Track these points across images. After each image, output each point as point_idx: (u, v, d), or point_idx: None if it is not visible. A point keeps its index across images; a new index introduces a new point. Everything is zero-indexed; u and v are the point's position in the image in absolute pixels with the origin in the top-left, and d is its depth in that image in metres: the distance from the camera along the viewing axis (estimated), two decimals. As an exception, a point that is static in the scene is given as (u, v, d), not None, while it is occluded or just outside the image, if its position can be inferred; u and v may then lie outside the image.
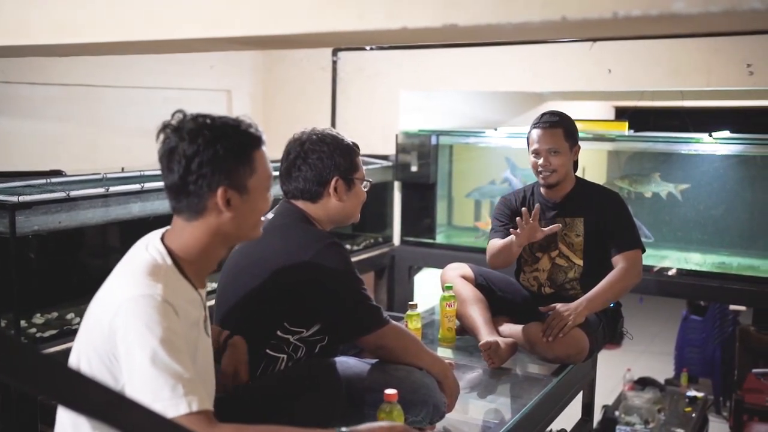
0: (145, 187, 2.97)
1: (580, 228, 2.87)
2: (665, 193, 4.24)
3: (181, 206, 1.50)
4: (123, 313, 1.37)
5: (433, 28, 1.38)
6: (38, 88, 3.54)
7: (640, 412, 4.38)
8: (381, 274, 4.62)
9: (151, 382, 1.33)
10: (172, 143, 1.47)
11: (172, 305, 1.41)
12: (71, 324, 2.76)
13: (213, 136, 1.46)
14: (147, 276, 1.43)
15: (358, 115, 4.66)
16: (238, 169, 1.49)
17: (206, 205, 1.48)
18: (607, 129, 4.39)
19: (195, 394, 1.35)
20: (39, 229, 2.61)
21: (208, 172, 1.46)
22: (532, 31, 1.48)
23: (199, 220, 1.50)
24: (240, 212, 1.51)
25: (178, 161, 1.46)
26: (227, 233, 1.53)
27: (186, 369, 1.36)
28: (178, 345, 1.38)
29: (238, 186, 1.50)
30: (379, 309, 2.03)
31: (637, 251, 2.81)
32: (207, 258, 1.55)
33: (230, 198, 1.49)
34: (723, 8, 1.14)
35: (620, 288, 2.77)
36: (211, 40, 1.82)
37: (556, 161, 2.80)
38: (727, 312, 5.58)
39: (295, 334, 2.01)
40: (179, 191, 1.49)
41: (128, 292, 1.40)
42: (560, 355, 2.66)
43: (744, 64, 3.66)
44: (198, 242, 1.52)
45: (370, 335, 2.01)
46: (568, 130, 2.84)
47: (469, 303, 2.90)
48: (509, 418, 2.31)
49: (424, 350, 2.13)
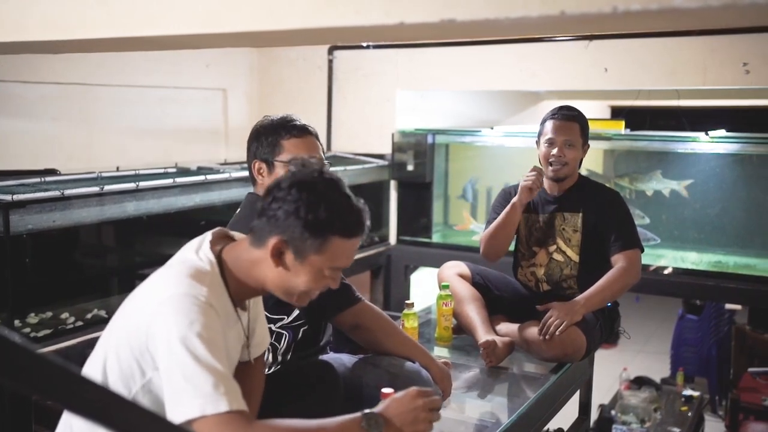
0: (139, 186, 2.96)
1: (578, 223, 2.87)
2: (668, 191, 4.23)
3: (255, 225, 1.50)
4: (166, 309, 1.38)
5: (431, 23, 1.38)
6: (33, 86, 3.52)
7: (637, 411, 4.37)
8: (377, 274, 4.61)
9: (193, 379, 1.33)
10: (291, 177, 1.47)
11: (215, 308, 1.42)
12: (65, 324, 2.74)
13: (317, 201, 1.44)
14: (192, 278, 1.44)
15: (354, 114, 4.65)
16: (307, 241, 1.45)
17: (267, 242, 1.47)
18: (604, 128, 4.39)
19: (234, 393, 1.37)
20: (33, 228, 2.59)
21: (282, 217, 1.45)
22: (530, 26, 1.47)
23: (259, 251, 1.49)
24: (283, 270, 1.49)
25: (286, 189, 1.45)
26: (268, 282, 1.52)
27: (225, 368, 1.37)
28: (220, 345, 1.39)
29: (297, 249, 1.46)
30: (349, 286, 2.06)
31: (636, 251, 2.80)
32: (251, 287, 1.55)
33: (284, 252, 1.47)
34: (723, 2, 1.13)
35: (619, 287, 2.76)
36: (206, 36, 1.80)
37: (569, 154, 2.80)
38: (723, 311, 5.58)
39: (277, 322, 2.03)
40: (263, 212, 1.48)
41: (172, 290, 1.41)
42: (557, 354, 2.65)
43: (740, 63, 3.66)
44: (249, 270, 1.52)
45: (345, 313, 2.04)
46: (583, 127, 2.85)
47: (466, 302, 2.89)
48: (506, 417, 2.30)
49: (403, 335, 2.17)
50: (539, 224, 2.94)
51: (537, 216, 2.95)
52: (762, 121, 6.55)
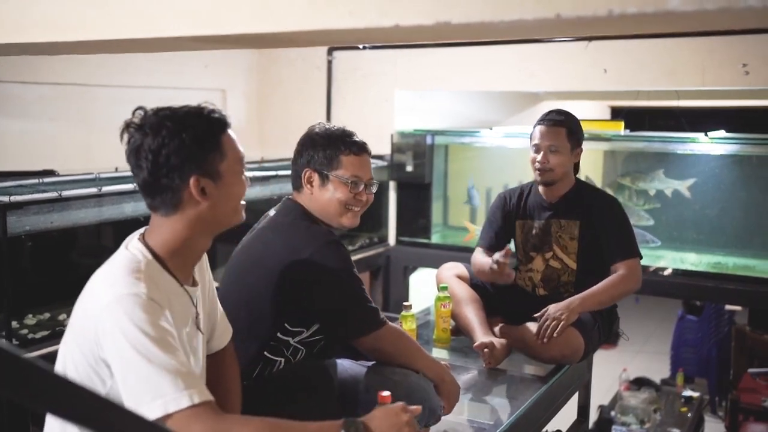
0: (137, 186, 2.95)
1: (575, 231, 2.84)
2: (670, 191, 4.22)
3: (156, 203, 1.47)
4: (109, 315, 1.35)
5: (426, 25, 1.37)
6: (31, 87, 3.51)
7: (636, 412, 4.36)
8: (376, 274, 4.61)
9: (150, 380, 1.31)
10: (137, 141, 1.44)
11: (158, 302, 1.39)
12: (63, 325, 2.74)
13: (176, 126, 1.43)
14: (129, 274, 1.40)
15: (353, 115, 4.65)
16: (207, 156, 1.45)
17: (181, 198, 1.45)
18: (603, 129, 4.38)
19: (195, 386, 1.34)
20: (31, 230, 2.59)
21: (177, 164, 1.42)
22: (525, 29, 1.47)
23: (176, 214, 1.47)
24: (216, 199, 1.48)
25: (145, 158, 1.42)
26: (207, 223, 1.50)
27: (182, 363, 1.35)
28: (170, 341, 1.36)
29: (211, 173, 1.46)
30: (376, 310, 1.99)
31: (636, 260, 2.77)
32: (190, 251, 1.52)
33: (204, 186, 1.45)
34: (718, 6, 1.12)
35: (617, 293, 2.74)
36: (202, 38, 1.80)
37: (554, 160, 2.77)
38: (723, 312, 5.58)
39: (296, 336, 1.98)
40: (152, 188, 1.45)
41: (112, 292, 1.37)
42: (555, 355, 2.64)
43: (739, 64, 3.65)
44: (178, 236, 1.48)
45: (366, 337, 1.98)
46: (572, 130, 2.80)
47: (464, 303, 2.88)
48: (504, 419, 2.30)
49: (420, 353, 2.10)
50: (535, 230, 2.91)
51: (532, 222, 2.92)
52: (762, 121, 6.55)
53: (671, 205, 4.30)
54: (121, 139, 1.47)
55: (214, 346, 1.74)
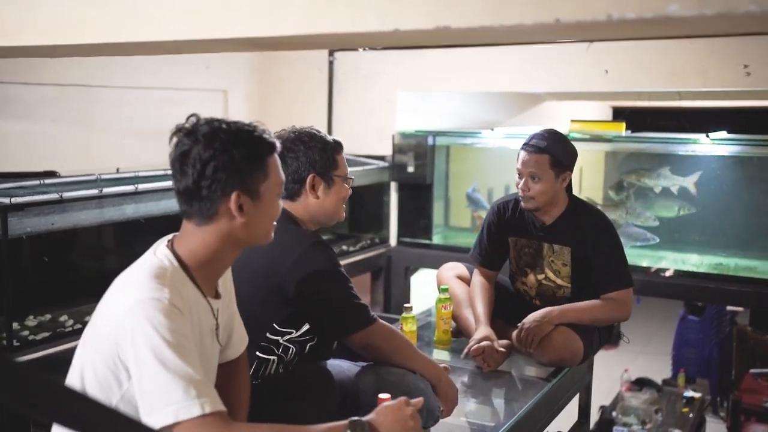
0: (139, 188, 2.95)
1: (567, 258, 2.76)
2: (676, 188, 4.21)
3: (192, 210, 1.49)
4: (131, 317, 1.37)
5: (426, 30, 1.37)
6: (32, 88, 3.51)
7: (638, 412, 4.36)
8: (377, 275, 4.61)
9: (163, 386, 1.32)
10: (186, 146, 1.46)
11: (179, 309, 1.40)
12: (64, 326, 2.74)
13: (229, 140, 1.46)
14: (153, 279, 1.42)
15: (355, 116, 4.65)
16: (252, 175, 1.49)
17: (218, 210, 1.48)
18: (604, 129, 4.37)
19: (207, 395, 1.35)
20: (32, 231, 2.59)
21: (222, 177, 1.45)
22: (525, 33, 1.47)
23: (210, 225, 1.50)
24: (252, 218, 1.51)
25: (192, 165, 1.45)
26: (238, 239, 1.53)
27: (196, 371, 1.36)
28: (188, 348, 1.38)
29: (251, 192, 1.49)
30: (365, 307, 2.02)
31: (627, 290, 2.70)
32: (216, 263, 1.55)
33: (243, 204, 1.48)
34: (717, 11, 1.12)
35: (601, 317, 2.70)
36: (202, 41, 1.80)
37: (535, 188, 2.66)
38: (725, 312, 5.57)
39: (285, 335, 2.00)
40: (192, 195, 1.47)
41: (135, 295, 1.39)
42: (554, 358, 2.64)
43: (740, 65, 3.65)
44: (208, 247, 1.51)
45: (357, 334, 2.00)
46: (556, 157, 2.65)
47: (464, 304, 2.88)
48: (505, 421, 2.30)
49: (415, 352, 2.12)
50: (528, 249, 2.86)
51: (525, 241, 2.86)
52: (764, 122, 6.53)
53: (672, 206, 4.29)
54: (170, 143, 1.49)
55: (229, 354, 1.76)
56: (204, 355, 1.52)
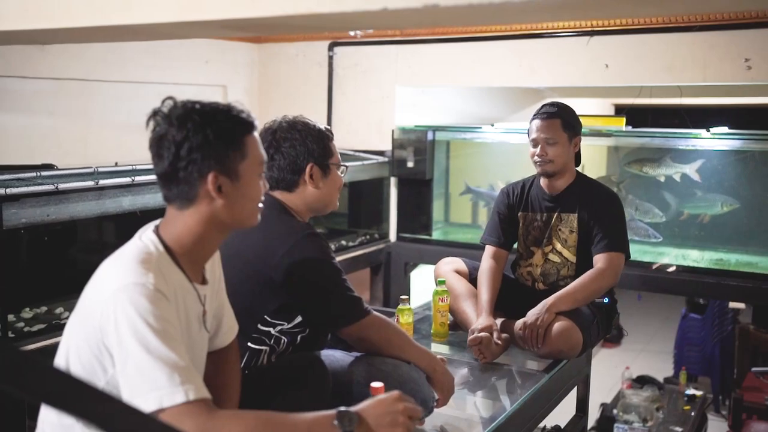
0: (135, 180, 2.95)
1: (574, 224, 2.85)
2: (678, 175, 4.19)
3: (172, 194, 1.48)
4: (114, 302, 1.35)
5: (414, 8, 1.35)
6: (30, 81, 3.51)
7: (639, 410, 4.34)
8: (377, 271, 4.60)
9: (147, 372, 1.30)
10: (162, 130, 1.44)
11: (164, 294, 1.38)
12: (60, 318, 2.74)
13: (202, 121, 1.44)
14: (138, 264, 1.40)
15: (354, 111, 4.64)
16: (228, 155, 1.46)
17: (197, 193, 1.46)
18: (605, 125, 4.36)
19: (191, 382, 1.33)
20: (27, 222, 2.58)
21: (197, 158, 1.43)
22: (514, 12, 1.45)
23: (191, 209, 1.48)
24: (233, 199, 1.48)
25: (167, 148, 1.43)
26: (221, 221, 1.50)
27: (181, 357, 1.34)
28: (173, 333, 1.36)
29: (229, 172, 1.47)
30: (359, 299, 2.00)
31: (620, 255, 2.76)
32: (201, 248, 1.52)
33: (221, 184, 1.46)
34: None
35: (593, 289, 2.72)
36: (187, 24, 1.78)
37: (552, 151, 2.80)
38: (727, 310, 5.54)
39: (277, 326, 1.98)
40: (170, 179, 1.46)
41: (120, 280, 1.37)
42: (553, 350, 2.63)
43: (740, 59, 3.63)
44: (191, 231, 1.49)
45: (350, 326, 1.98)
46: (567, 120, 2.83)
47: (462, 298, 2.87)
48: (501, 413, 2.28)
49: (409, 343, 2.09)
50: (537, 222, 2.93)
51: (534, 214, 2.95)
52: (764, 118, 6.51)
53: (673, 201, 4.28)
54: (147, 126, 1.47)
55: (219, 343, 1.74)
56: (191, 342, 1.50)
